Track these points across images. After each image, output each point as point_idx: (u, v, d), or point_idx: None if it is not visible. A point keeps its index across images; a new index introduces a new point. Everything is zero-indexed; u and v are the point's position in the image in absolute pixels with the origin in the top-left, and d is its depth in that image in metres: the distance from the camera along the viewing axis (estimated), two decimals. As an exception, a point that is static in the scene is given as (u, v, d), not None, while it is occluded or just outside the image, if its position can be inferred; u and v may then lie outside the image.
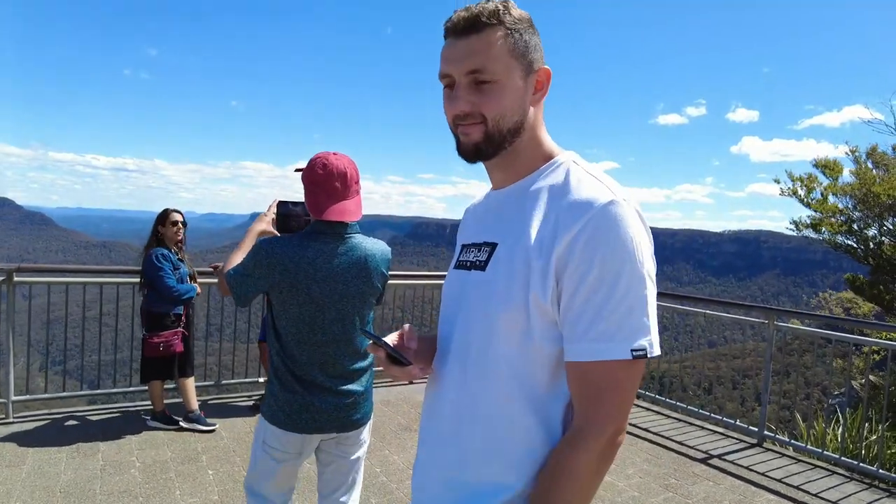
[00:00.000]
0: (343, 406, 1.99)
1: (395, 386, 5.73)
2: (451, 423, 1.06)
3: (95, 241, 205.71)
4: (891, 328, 6.34)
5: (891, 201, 7.65)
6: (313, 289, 1.92)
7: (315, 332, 1.95)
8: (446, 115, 1.06)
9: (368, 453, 3.99)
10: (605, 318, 0.90)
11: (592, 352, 0.91)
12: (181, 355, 4.27)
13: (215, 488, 3.36)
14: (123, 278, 4.84)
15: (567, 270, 0.92)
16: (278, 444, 1.98)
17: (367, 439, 2.17)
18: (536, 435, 0.98)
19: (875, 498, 3.68)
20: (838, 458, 4.15)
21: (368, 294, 2.05)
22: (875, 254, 8.53)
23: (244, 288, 1.94)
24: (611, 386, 0.92)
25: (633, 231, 0.92)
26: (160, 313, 4.17)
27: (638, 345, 0.91)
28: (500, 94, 0.99)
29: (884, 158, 9.08)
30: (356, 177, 2.00)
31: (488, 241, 1.07)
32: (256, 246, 1.95)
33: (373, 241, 2.09)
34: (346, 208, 1.94)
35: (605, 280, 0.90)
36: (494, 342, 0.99)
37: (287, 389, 1.96)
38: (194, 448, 3.92)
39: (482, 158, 1.05)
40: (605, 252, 0.90)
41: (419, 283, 6.78)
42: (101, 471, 3.49)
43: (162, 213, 4.36)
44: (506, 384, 0.99)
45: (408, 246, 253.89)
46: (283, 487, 2.08)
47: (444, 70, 1.02)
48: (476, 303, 1.03)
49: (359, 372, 2.05)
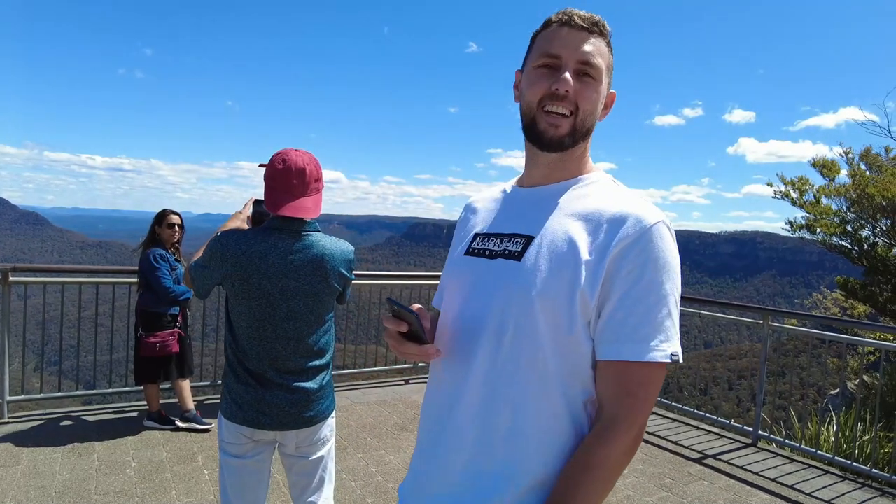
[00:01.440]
0: (294, 403, 1.97)
1: (391, 386, 5.74)
2: (475, 405, 1.05)
3: (91, 241, 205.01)
4: (883, 329, 6.38)
5: (884, 202, 7.69)
6: (264, 283, 1.90)
7: (265, 328, 1.94)
8: (532, 94, 1.06)
9: (365, 452, 4.00)
10: (651, 323, 0.97)
11: (637, 352, 0.96)
12: (177, 356, 4.27)
13: (211, 488, 3.36)
14: (119, 278, 4.84)
15: (620, 273, 0.97)
16: (232, 439, 1.97)
17: (331, 436, 2.13)
18: (564, 424, 1.02)
19: (868, 497, 3.70)
20: (832, 457, 4.17)
21: (324, 293, 2.01)
22: (869, 255, 8.57)
23: (201, 279, 1.97)
24: (645, 385, 0.98)
25: (676, 251, 1.02)
26: (157, 313, 4.17)
27: (675, 350, 0.99)
28: (596, 93, 1.06)
29: (877, 160, 9.13)
30: (317, 174, 1.97)
31: (521, 233, 1.08)
32: (212, 239, 1.96)
33: (333, 240, 2.06)
34: (302, 205, 1.91)
35: (654, 288, 0.97)
36: (534, 328, 1.01)
37: (241, 382, 1.96)
38: (190, 448, 3.92)
39: (560, 150, 1.08)
40: (656, 263, 0.98)
41: (415, 284, 6.79)
42: (96, 471, 3.49)
43: (160, 214, 4.37)
44: (540, 370, 1.01)
45: (404, 246, 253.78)
46: (248, 496, 2.02)
47: (555, 50, 1.05)
48: (511, 288, 1.03)
49: (313, 370, 2.02)
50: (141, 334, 4.16)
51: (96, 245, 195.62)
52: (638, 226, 0.99)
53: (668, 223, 1.02)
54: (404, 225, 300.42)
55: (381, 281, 6.74)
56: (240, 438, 1.96)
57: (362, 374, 6.07)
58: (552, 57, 1.05)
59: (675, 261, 1.01)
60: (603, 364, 1.00)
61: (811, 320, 5.79)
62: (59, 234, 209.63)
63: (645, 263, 0.97)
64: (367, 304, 6.68)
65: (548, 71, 1.06)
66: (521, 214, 1.12)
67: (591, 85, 1.05)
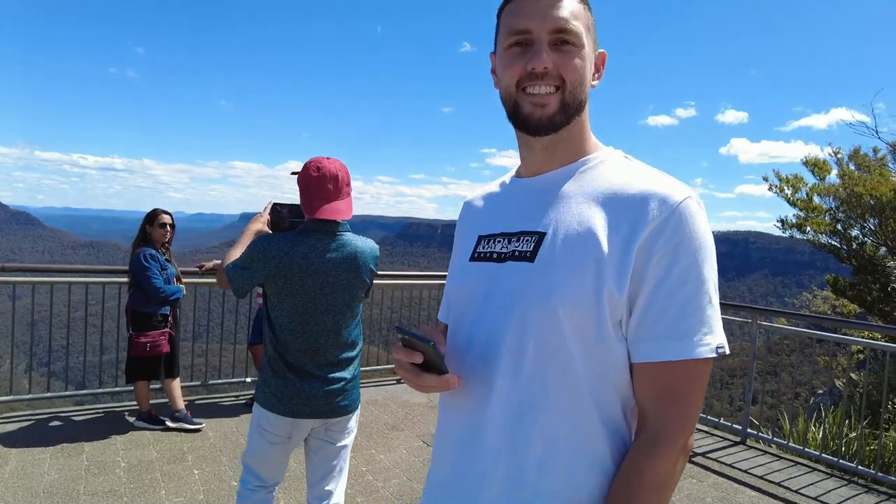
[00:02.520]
0: (331, 393, 2.13)
1: (381, 385, 5.74)
2: (500, 436, 0.93)
3: (83, 241, 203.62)
4: (870, 327, 6.44)
5: (872, 202, 7.77)
6: (306, 281, 2.06)
7: (307, 322, 2.09)
8: (508, 78, 0.95)
9: (355, 451, 4.00)
10: (691, 314, 0.86)
11: (680, 350, 0.85)
12: (167, 356, 4.27)
13: (201, 488, 3.36)
14: (110, 278, 4.82)
15: (650, 262, 0.86)
16: (271, 427, 2.12)
17: (355, 428, 2.29)
18: (602, 441, 0.91)
19: (854, 493, 3.74)
20: (819, 455, 4.22)
21: (357, 287, 2.19)
22: (857, 254, 8.66)
23: (242, 280, 2.09)
24: (689, 386, 0.87)
25: (708, 229, 0.90)
26: (147, 313, 4.16)
27: (720, 342, 0.87)
28: (580, 60, 0.93)
29: (865, 160, 9.24)
30: (347, 179, 2.14)
31: (530, 230, 0.96)
32: (254, 241, 2.10)
33: (363, 239, 2.24)
34: (336, 208, 2.08)
35: (691, 274, 0.86)
36: (558, 340, 0.89)
37: (279, 376, 2.10)
38: (180, 448, 3.91)
39: (552, 131, 0.95)
40: (690, 246, 0.86)
41: (409, 283, 6.79)
42: (85, 471, 3.48)
43: (151, 213, 4.35)
44: (570, 386, 0.90)
45: (398, 246, 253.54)
46: (273, 473, 2.22)
47: (523, 25, 0.92)
48: (529, 297, 0.91)
49: (347, 361, 2.19)
50: (131, 334, 4.15)
51: (88, 245, 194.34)
52: (664, 206, 0.87)
53: (696, 198, 0.89)
54: (398, 225, 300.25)
55: (375, 281, 6.72)
56: (279, 429, 2.12)
57: (354, 373, 6.07)
58: (521, 33, 0.92)
59: (709, 240, 0.89)
60: (641, 366, 0.88)
61: (800, 319, 5.84)
62: (50, 234, 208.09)
63: (677, 248, 0.85)
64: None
65: (520, 49, 0.93)
66: (527, 208, 1.00)
67: (572, 53, 0.92)
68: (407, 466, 3.85)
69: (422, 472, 3.76)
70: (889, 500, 3.67)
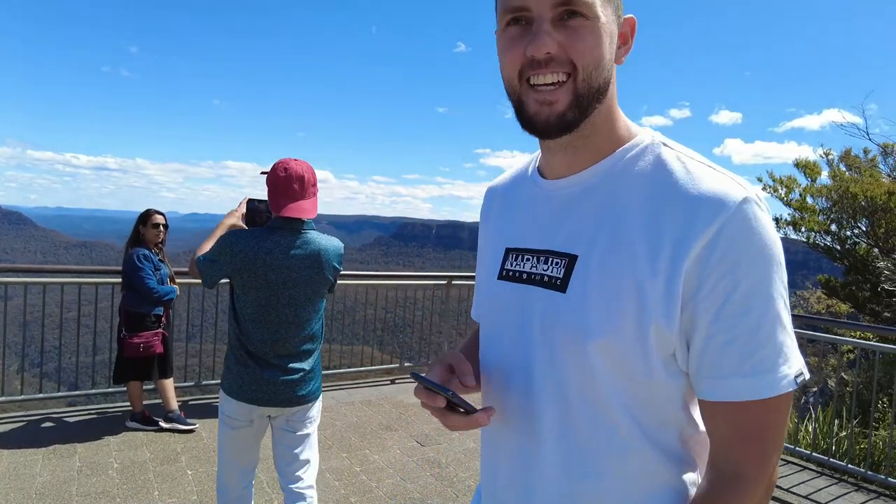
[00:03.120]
0: (290, 382, 2.24)
1: (376, 386, 5.75)
2: (552, 479, 0.85)
3: (76, 241, 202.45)
4: (862, 327, 6.49)
5: (865, 203, 7.83)
6: (269, 275, 2.17)
7: (269, 314, 2.20)
8: (508, 67, 0.79)
9: (349, 452, 4.01)
10: (762, 345, 0.72)
11: (754, 389, 0.73)
12: (161, 356, 4.26)
13: (194, 488, 3.36)
14: (103, 278, 4.80)
15: (704, 289, 0.72)
16: (232, 413, 2.24)
17: (317, 418, 2.39)
18: (661, 480, 0.82)
19: (844, 492, 3.78)
20: (810, 454, 4.25)
21: (319, 283, 2.29)
22: (849, 254, 8.73)
23: (210, 272, 2.20)
24: (768, 424, 0.75)
25: (775, 235, 0.75)
26: (141, 314, 4.15)
27: (798, 369, 0.75)
28: (595, 35, 0.75)
29: (856, 161, 9.32)
30: (313, 180, 2.24)
31: (560, 252, 0.84)
32: (223, 237, 2.22)
33: (327, 238, 2.34)
34: (302, 207, 2.18)
35: (759, 294, 0.72)
36: (599, 381, 0.80)
37: (241, 364, 2.22)
38: (173, 448, 3.90)
39: (567, 131, 0.79)
40: (754, 260, 0.72)
41: (404, 284, 6.80)
42: (77, 472, 3.47)
43: (144, 214, 4.34)
44: (624, 427, 0.80)
45: (393, 246, 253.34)
46: (245, 458, 2.32)
47: (520, 2, 0.75)
48: (563, 334, 0.82)
49: (306, 353, 2.30)
50: (124, 335, 4.13)
51: (81, 245, 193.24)
52: (716, 215, 0.72)
53: (756, 199, 0.74)
54: (393, 225, 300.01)
55: (370, 281, 6.74)
56: (239, 414, 2.23)
57: (349, 374, 6.07)
58: (518, 10, 0.76)
59: (776, 249, 0.74)
60: (708, 405, 0.77)
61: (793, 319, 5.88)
62: (42, 234, 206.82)
63: (737, 265, 0.71)
64: (355, 304, 6.69)
65: (519, 29, 0.78)
66: (553, 222, 0.87)
67: (583, 28, 0.75)
68: (401, 467, 3.85)
69: (416, 473, 3.77)
70: (878, 499, 3.70)
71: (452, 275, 6.65)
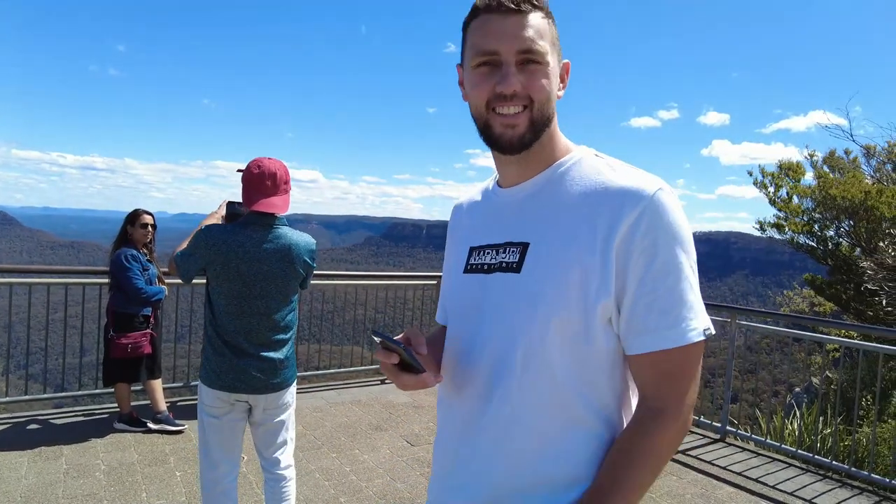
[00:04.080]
0: (264, 370, 2.33)
1: (365, 386, 5.74)
2: (496, 439, 0.99)
3: (63, 242, 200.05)
4: (846, 326, 6.58)
5: (846, 203, 7.94)
6: (241, 268, 2.27)
7: (241, 305, 2.30)
8: (477, 98, 0.98)
9: (339, 452, 4.01)
10: (678, 303, 0.90)
11: (671, 338, 0.90)
12: (149, 357, 4.23)
13: (183, 490, 3.34)
14: (90, 279, 4.76)
15: (631, 260, 0.90)
16: (210, 401, 2.34)
17: (291, 404, 2.51)
18: (596, 438, 0.96)
19: (828, 488, 3.83)
20: (795, 451, 4.31)
21: (290, 276, 2.39)
22: (833, 254, 8.84)
23: (186, 266, 2.31)
24: (685, 368, 0.92)
25: (683, 216, 0.94)
26: (128, 314, 4.12)
27: (706, 325, 0.93)
28: (546, 77, 0.95)
29: (839, 163, 9.44)
30: (286, 178, 2.37)
31: (515, 241, 1.01)
32: (199, 231, 2.34)
33: (298, 233, 2.44)
34: (273, 202, 2.30)
35: (673, 263, 0.90)
36: (545, 348, 0.94)
37: (218, 353, 2.31)
38: (162, 450, 3.88)
39: (525, 149, 0.98)
40: (667, 237, 0.90)
41: (394, 284, 6.80)
42: (64, 474, 3.44)
43: (132, 214, 4.31)
44: (561, 390, 0.95)
45: (383, 246, 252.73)
46: (228, 449, 2.40)
47: (492, 47, 0.94)
48: (516, 308, 0.97)
49: (279, 343, 2.40)
50: (112, 335, 4.10)
51: (68, 245, 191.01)
52: (637, 200, 0.90)
53: (667, 189, 0.93)
54: (383, 225, 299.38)
55: (360, 281, 6.74)
56: (218, 402, 2.33)
57: (339, 374, 6.06)
58: (489, 54, 0.95)
59: (684, 227, 0.92)
60: (637, 358, 0.93)
61: (778, 318, 5.95)
62: (28, 234, 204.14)
63: (655, 241, 0.89)
64: (344, 304, 6.68)
65: (488, 69, 0.96)
66: (509, 219, 1.05)
67: (539, 71, 0.95)
68: (390, 466, 3.86)
69: (406, 472, 3.78)
70: (862, 495, 3.76)
71: (442, 275, 6.66)
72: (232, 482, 2.43)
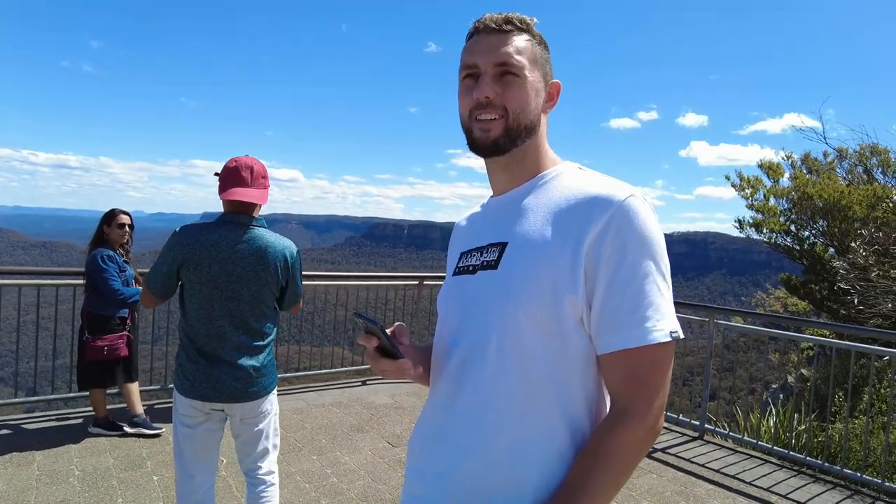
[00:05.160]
0: (239, 378, 2.24)
1: (346, 388, 5.71)
2: (468, 429, 1.02)
3: (35, 241, 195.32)
4: (820, 325, 6.73)
5: (821, 203, 8.12)
6: (213, 268, 2.19)
7: (213, 308, 2.22)
8: (462, 107, 1.07)
9: (319, 454, 3.97)
10: (643, 304, 0.93)
11: (638, 337, 0.92)
12: (125, 359, 4.14)
13: (161, 495, 3.28)
14: (64, 280, 4.65)
15: (601, 262, 0.94)
16: (185, 410, 2.25)
17: (271, 412, 2.40)
18: (564, 434, 0.98)
19: (803, 483, 3.91)
20: (771, 447, 4.38)
21: (266, 280, 2.28)
22: (808, 254, 9.03)
23: (157, 278, 2.23)
24: (652, 370, 0.94)
25: (655, 222, 0.98)
26: (105, 316, 4.03)
27: (673, 328, 0.95)
28: (522, 89, 1.03)
29: (815, 164, 9.67)
30: (263, 172, 2.31)
31: (495, 242, 1.07)
32: (172, 233, 2.25)
33: (277, 236, 2.35)
34: (249, 193, 2.23)
35: (641, 266, 0.93)
36: (517, 339, 0.98)
37: (191, 360, 2.23)
38: (139, 454, 3.81)
39: (498, 153, 1.06)
40: (636, 240, 0.94)
41: (375, 285, 6.77)
42: (36, 481, 3.35)
43: (109, 213, 4.22)
44: (532, 383, 0.98)
45: (364, 247, 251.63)
46: (203, 458, 2.32)
47: (472, 60, 1.05)
48: (491, 300, 1.02)
49: (255, 349, 2.29)
50: (87, 337, 4.01)
51: (40, 245, 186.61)
52: (607, 206, 0.95)
53: (639, 195, 0.97)
54: (364, 225, 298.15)
55: (340, 282, 6.69)
56: (192, 411, 2.24)
57: (321, 375, 6.01)
58: (471, 67, 1.05)
59: (655, 232, 0.96)
60: (606, 358, 0.96)
61: (755, 318, 6.05)
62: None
63: (624, 244, 0.93)
64: (325, 305, 6.63)
65: (471, 81, 1.06)
66: (495, 223, 1.11)
67: (514, 83, 1.03)
68: (372, 468, 3.84)
69: (387, 474, 3.76)
70: (835, 489, 3.84)
71: (424, 275, 6.65)
72: (208, 490, 2.36)
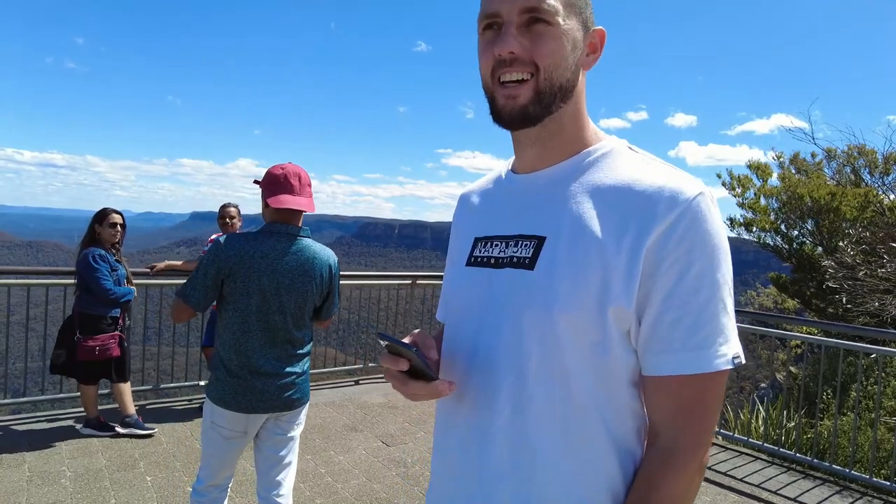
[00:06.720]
0: (283, 387, 2.24)
1: (339, 387, 5.70)
2: (504, 453, 0.88)
3: (20, 241, 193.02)
4: (808, 323, 6.81)
5: (810, 203, 8.22)
6: (262, 280, 2.16)
7: (259, 320, 2.19)
8: (483, 67, 0.88)
9: (313, 453, 3.97)
10: (707, 323, 0.79)
11: (697, 363, 0.79)
12: (117, 359, 4.12)
13: (154, 495, 3.27)
14: (53, 280, 4.61)
15: (661, 269, 0.79)
16: (226, 423, 2.20)
17: (304, 421, 2.41)
18: (612, 461, 0.85)
19: (792, 480, 3.96)
20: (761, 444, 4.43)
21: (310, 292, 2.28)
22: (797, 253, 9.14)
23: (195, 289, 2.16)
24: (706, 400, 0.81)
25: (723, 228, 0.84)
26: (97, 316, 4.00)
27: (736, 352, 0.81)
28: (557, 40, 0.84)
29: (804, 164, 9.80)
30: (308, 181, 2.30)
31: (529, 234, 0.89)
32: (215, 242, 2.22)
33: (321, 246, 2.35)
34: (299, 201, 2.22)
35: (705, 280, 0.79)
36: (560, 354, 0.84)
37: (232, 374, 2.19)
38: (131, 455, 3.79)
39: (528, 124, 0.87)
40: (704, 247, 0.79)
41: (366, 284, 6.76)
42: (27, 482, 3.32)
43: (101, 212, 4.19)
44: (578, 406, 0.84)
45: (355, 246, 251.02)
46: (228, 470, 2.30)
47: (494, 8, 0.84)
48: (527, 307, 0.86)
49: (298, 357, 2.31)
50: (79, 338, 3.97)
51: (26, 245, 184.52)
52: (675, 204, 0.79)
53: (708, 194, 0.83)
54: (354, 225, 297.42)
55: (332, 281, 6.65)
56: (235, 424, 2.21)
57: (312, 375, 5.98)
58: (491, 17, 0.85)
59: (724, 240, 0.82)
60: (654, 380, 0.82)
61: (744, 315, 6.11)
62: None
63: (690, 251, 0.79)
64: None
65: (493, 33, 0.86)
66: (525, 209, 0.92)
67: (546, 33, 0.83)
68: (366, 467, 3.84)
69: (381, 473, 3.77)
70: (824, 485, 3.89)
71: (416, 274, 6.65)
72: (224, 491, 2.34)
